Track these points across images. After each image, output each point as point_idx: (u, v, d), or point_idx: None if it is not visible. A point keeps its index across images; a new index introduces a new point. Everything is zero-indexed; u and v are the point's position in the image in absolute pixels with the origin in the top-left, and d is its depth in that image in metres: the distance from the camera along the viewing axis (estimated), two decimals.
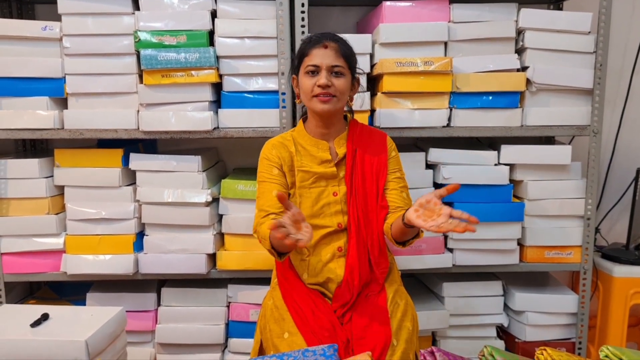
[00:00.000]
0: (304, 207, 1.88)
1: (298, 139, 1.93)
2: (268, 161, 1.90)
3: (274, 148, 1.91)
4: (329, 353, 1.37)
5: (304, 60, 1.84)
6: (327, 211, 1.89)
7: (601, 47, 2.28)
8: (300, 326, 1.74)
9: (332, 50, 1.81)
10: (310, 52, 1.82)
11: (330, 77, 1.80)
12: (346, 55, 1.84)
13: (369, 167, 1.91)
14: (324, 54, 1.81)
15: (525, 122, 2.32)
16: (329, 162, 1.90)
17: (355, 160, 1.91)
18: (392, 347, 1.68)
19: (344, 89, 1.83)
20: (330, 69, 1.80)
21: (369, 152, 1.92)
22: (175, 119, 2.24)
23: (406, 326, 1.76)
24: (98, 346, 1.76)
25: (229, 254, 2.36)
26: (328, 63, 1.80)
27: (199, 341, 2.41)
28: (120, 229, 2.34)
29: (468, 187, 2.33)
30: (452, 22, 2.28)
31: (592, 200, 2.38)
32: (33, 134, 2.28)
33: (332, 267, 1.87)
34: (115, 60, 2.26)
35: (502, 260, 2.41)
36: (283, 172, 1.89)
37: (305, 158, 1.91)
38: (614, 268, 2.46)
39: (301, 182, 1.89)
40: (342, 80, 1.82)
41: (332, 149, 1.92)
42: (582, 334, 2.45)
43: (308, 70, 1.82)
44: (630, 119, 2.81)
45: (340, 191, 1.90)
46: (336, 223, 1.89)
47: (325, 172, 1.89)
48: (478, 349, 1.43)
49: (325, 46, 1.82)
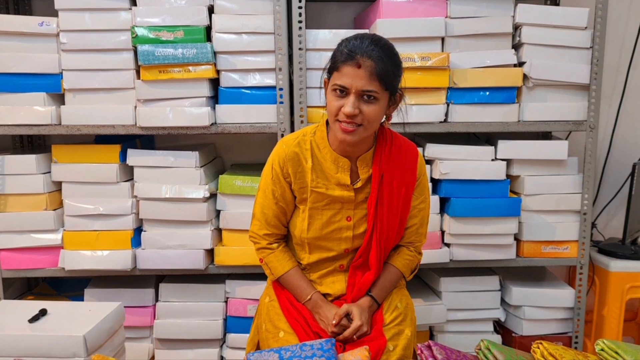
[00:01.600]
0: (313, 229, 1.76)
1: (317, 149, 1.73)
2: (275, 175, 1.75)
3: (287, 162, 1.72)
4: (326, 347, 1.38)
5: (333, 74, 1.60)
6: (337, 236, 1.77)
7: (598, 43, 2.29)
8: (294, 325, 1.74)
9: (366, 71, 1.54)
10: (341, 67, 1.56)
11: (359, 103, 1.56)
12: (382, 75, 1.55)
13: (396, 195, 1.74)
14: (355, 75, 1.54)
15: (522, 118, 2.32)
16: (347, 186, 1.73)
17: (382, 185, 1.72)
18: (387, 351, 1.64)
19: (374, 117, 1.59)
20: (361, 94, 1.56)
21: (397, 177, 1.73)
22: (173, 115, 2.24)
23: (405, 332, 1.72)
24: (96, 341, 1.77)
25: (226, 250, 2.36)
26: (358, 87, 1.54)
27: (197, 336, 2.42)
28: (118, 224, 2.34)
29: (465, 182, 2.34)
30: (449, 18, 2.28)
31: (588, 195, 2.38)
32: (30, 130, 2.28)
33: (330, 282, 1.84)
34: (112, 56, 2.25)
35: (499, 255, 2.41)
36: (291, 189, 1.76)
37: (322, 177, 1.73)
38: (611, 263, 2.47)
39: (313, 202, 1.74)
40: (374, 107, 1.57)
41: (354, 170, 1.74)
42: (579, 329, 2.46)
43: (335, 88, 1.58)
44: (627, 114, 2.82)
45: (355, 216, 1.75)
46: (343, 249, 1.78)
47: (342, 196, 1.73)
48: (475, 344, 1.44)
49: (358, 65, 1.54)
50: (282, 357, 1.37)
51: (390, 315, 1.75)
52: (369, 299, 1.77)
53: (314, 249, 1.81)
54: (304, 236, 1.78)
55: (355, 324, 1.66)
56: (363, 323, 1.67)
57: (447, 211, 2.39)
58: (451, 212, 2.35)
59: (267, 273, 1.88)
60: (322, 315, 1.73)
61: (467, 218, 2.36)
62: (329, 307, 1.74)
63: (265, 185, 1.79)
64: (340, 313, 1.69)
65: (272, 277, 1.85)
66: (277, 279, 1.84)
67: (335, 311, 1.71)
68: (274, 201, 1.78)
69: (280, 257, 1.83)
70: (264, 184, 1.80)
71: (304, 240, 1.80)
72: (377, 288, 1.79)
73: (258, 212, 1.83)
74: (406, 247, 1.87)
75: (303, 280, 1.81)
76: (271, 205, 1.79)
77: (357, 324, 1.66)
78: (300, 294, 1.79)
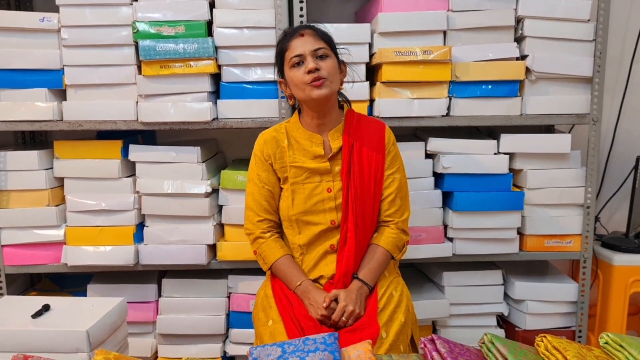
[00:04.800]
0: (297, 204, 1.86)
1: (292, 131, 1.90)
2: (258, 160, 1.90)
3: (266, 144, 1.89)
4: (329, 341, 1.38)
5: (285, 56, 1.81)
6: (321, 208, 1.86)
7: (601, 35, 2.28)
8: (283, 315, 1.76)
9: (310, 36, 1.79)
10: (289, 45, 1.80)
11: (316, 61, 1.76)
12: (325, 37, 1.81)
13: (367, 162, 1.86)
14: (303, 42, 1.78)
15: (524, 111, 2.31)
16: (322, 157, 1.85)
17: (352, 154, 1.85)
18: (380, 339, 1.67)
19: (333, 70, 1.78)
20: (314, 54, 1.76)
21: (366, 145, 1.87)
22: (174, 110, 2.24)
23: (398, 318, 1.75)
24: (99, 336, 1.77)
25: (229, 245, 2.36)
26: (310, 48, 1.76)
27: (200, 332, 2.42)
28: (120, 220, 2.34)
29: (467, 176, 2.34)
30: (451, 11, 2.27)
31: (591, 189, 2.38)
32: (32, 126, 2.28)
33: (324, 264, 1.87)
34: (113, 51, 2.25)
35: (502, 249, 2.41)
36: (273, 169, 1.88)
37: (298, 152, 1.87)
38: (614, 256, 2.46)
39: (294, 177, 1.86)
40: (329, 61, 1.78)
41: (327, 143, 1.87)
42: (582, 323, 2.46)
43: (293, 62, 1.78)
44: (630, 107, 2.80)
45: (335, 187, 1.85)
46: (329, 220, 1.85)
47: (318, 167, 1.85)
48: (478, 338, 1.43)
49: (301, 34, 1.79)
50: (285, 351, 1.36)
51: (385, 302, 1.78)
52: (357, 282, 1.81)
53: (302, 225, 1.87)
54: (291, 213, 1.86)
55: (340, 304, 1.74)
56: (348, 303, 1.73)
57: (449, 205, 2.38)
58: (454, 207, 2.35)
59: (261, 264, 1.93)
60: (312, 299, 1.77)
61: (469, 212, 2.35)
62: (319, 292, 1.79)
63: (251, 174, 1.93)
64: (330, 296, 1.76)
65: (265, 267, 1.91)
66: (270, 268, 1.89)
67: (325, 296, 1.77)
68: (261, 185, 1.89)
69: (272, 245, 1.89)
70: (251, 172, 1.93)
71: (292, 218, 1.87)
72: (364, 270, 1.84)
73: (250, 201, 1.93)
74: (387, 226, 1.90)
75: (294, 268, 1.86)
76: (260, 190, 1.90)
77: (342, 304, 1.73)
78: (291, 281, 1.84)
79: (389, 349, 1.66)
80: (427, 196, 2.37)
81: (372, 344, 1.42)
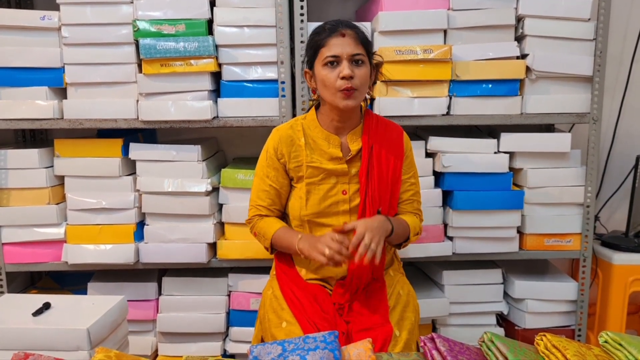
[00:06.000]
0: (311, 204, 1.80)
1: (308, 129, 1.84)
2: (269, 157, 1.84)
3: (281, 142, 1.82)
4: (329, 339, 1.38)
5: (320, 52, 1.72)
6: (334, 210, 1.81)
7: (601, 34, 2.28)
8: (298, 315, 1.73)
9: (351, 38, 1.70)
10: (327, 42, 1.70)
11: (352, 67, 1.69)
12: (364, 41, 1.73)
13: (385, 165, 1.81)
14: (342, 43, 1.69)
15: (524, 110, 2.31)
16: (339, 159, 1.80)
17: (371, 157, 1.80)
18: (394, 337, 1.66)
19: (366, 80, 1.72)
20: (351, 58, 1.69)
21: (385, 148, 1.82)
22: (175, 109, 2.24)
23: (408, 317, 1.75)
24: (99, 335, 1.77)
25: (229, 243, 2.36)
26: (349, 52, 1.68)
27: (200, 330, 2.42)
28: (121, 218, 2.35)
29: (468, 175, 2.34)
30: (452, 10, 2.27)
31: (591, 188, 2.38)
32: (32, 124, 2.28)
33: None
34: (114, 49, 2.25)
35: (501, 248, 2.41)
36: (286, 169, 1.83)
37: (316, 153, 1.81)
38: (614, 255, 2.47)
39: (310, 177, 1.81)
40: (363, 70, 1.71)
41: (344, 145, 1.82)
42: (582, 322, 2.46)
43: (327, 61, 1.69)
44: (630, 107, 2.80)
45: (350, 189, 1.81)
46: (342, 223, 1.76)
47: (335, 168, 1.80)
48: (478, 337, 1.43)
49: (342, 34, 1.70)
50: (285, 349, 1.37)
51: (394, 301, 1.78)
52: (380, 216, 1.73)
53: (313, 226, 1.83)
54: (304, 213, 1.81)
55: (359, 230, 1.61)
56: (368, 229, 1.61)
57: (449, 204, 2.38)
58: (454, 205, 2.35)
59: (262, 242, 1.88)
60: (321, 239, 1.65)
61: (469, 211, 2.35)
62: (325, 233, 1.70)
63: (259, 170, 1.89)
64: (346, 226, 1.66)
65: (266, 242, 1.85)
66: (272, 243, 1.84)
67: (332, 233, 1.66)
68: (267, 182, 1.85)
69: (269, 220, 1.87)
70: (259, 168, 1.89)
71: (304, 219, 1.82)
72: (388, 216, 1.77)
73: (254, 195, 1.91)
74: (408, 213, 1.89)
75: (293, 232, 1.82)
76: (265, 187, 1.86)
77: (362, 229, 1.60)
78: (291, 242, 1.76)
79: (404, 348, 1.66)
80: (427, 195, 2.36)
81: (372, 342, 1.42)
